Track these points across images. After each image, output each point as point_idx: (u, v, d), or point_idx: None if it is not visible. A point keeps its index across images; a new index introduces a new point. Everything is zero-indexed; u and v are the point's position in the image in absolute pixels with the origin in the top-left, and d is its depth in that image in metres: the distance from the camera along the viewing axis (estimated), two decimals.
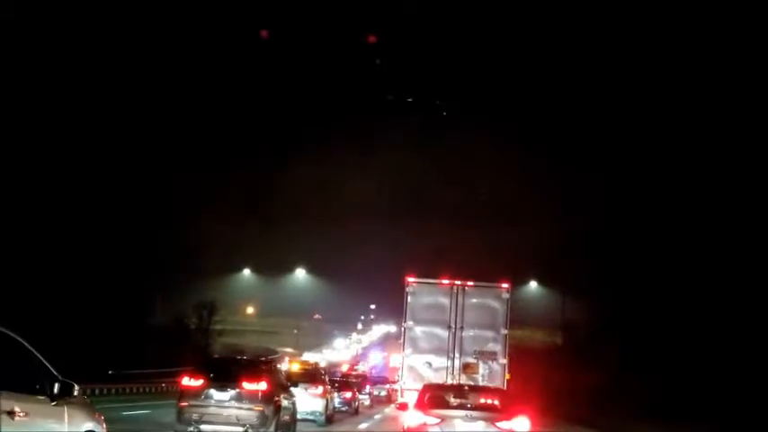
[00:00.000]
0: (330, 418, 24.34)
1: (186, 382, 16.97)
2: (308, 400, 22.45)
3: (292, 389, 20.88)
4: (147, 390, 38.31)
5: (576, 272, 49.09)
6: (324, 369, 29.99)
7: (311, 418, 22.82)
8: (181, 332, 51.12)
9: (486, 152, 50.97)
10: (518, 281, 63.12)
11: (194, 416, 16.16)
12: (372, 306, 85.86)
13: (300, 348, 70.88)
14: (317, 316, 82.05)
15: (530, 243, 52.63)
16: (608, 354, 41.76)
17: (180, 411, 16.38)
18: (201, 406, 16.23)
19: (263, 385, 16.48)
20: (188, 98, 42.21)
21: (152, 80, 39.60)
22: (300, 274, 73.38)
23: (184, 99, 42.22)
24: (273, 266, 70.57)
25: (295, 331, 75.96)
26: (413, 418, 13.62)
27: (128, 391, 35.98)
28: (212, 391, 16.34)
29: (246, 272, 72.73)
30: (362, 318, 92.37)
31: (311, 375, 24.84)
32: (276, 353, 64.49)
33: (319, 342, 79.15)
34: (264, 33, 27.31)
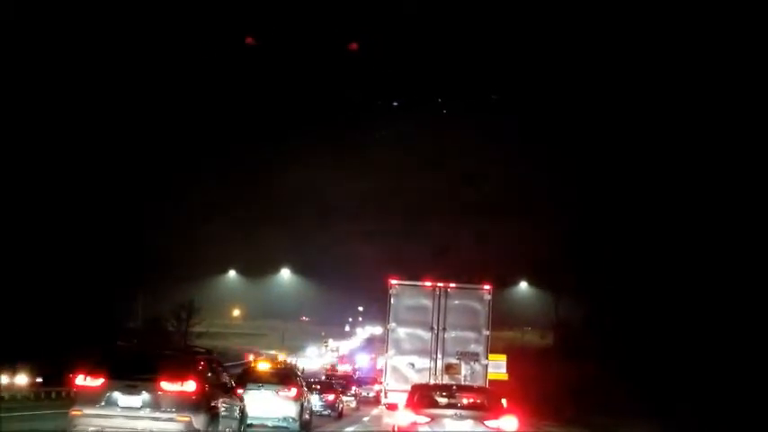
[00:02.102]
0: (306, 424, 21.79)
1: (81, 381, 12.78)
2: (278, 404, 20.09)
3: (260, 391, 19.77)
4: None
5: (565, 272, 49.80)
6: (301, 368, 28.34)
7: (283, 424, 20.15)
8: (158, 335, 50.73)
9: (476, 153, 51.60)
10: (508, 282, 64.05)
11: (91, 429, 12.26)
12: (360, 308, 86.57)
13: (287, 351, 71.19)
14: (304, 318, 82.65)
15: (519, 244, 53.29)
16: (596, 353, 42.48)
17: (71, 422, 12.39)
18: (101, 415, 12.27)
19: (190, 385, 12.55)
20: (174, 101, 42.73)
21: (140, 83, 40.13)
22: (286, 274, 73.71)
23: (171, 101, 42.74)
24: (259, 268, 71.06)
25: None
26: (403, 417, 14.29)
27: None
28: (117, 395, 12.34)
29: (232, 273, 73.01)
30: (350, 320, 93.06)
31: (282, 375, 21.89)
32: (260, 355, 64.67)
33: (306, 345, 79.18)
34: (250, 40, 28.03)
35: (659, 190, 40.53)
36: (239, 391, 16.16)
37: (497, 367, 24.34)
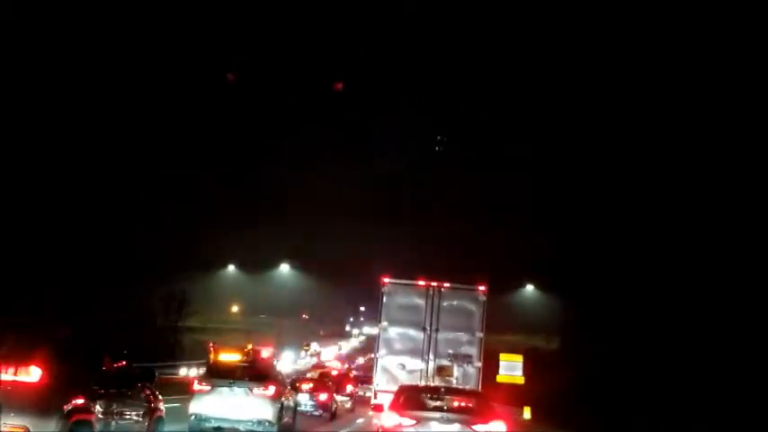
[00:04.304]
0: (288, 427, 19.44)
1: None
2: (252, 405, 17.81)
3: (231, 389, 17.79)
4: None
5: (573, 274, 49.75)
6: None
7: (257, 428, 17.80)
8: (148, 328, 49.70)
9: (477, 152, 51.52)
10: (513, 284, 64.14)
11: None
12: (362, 308, 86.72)
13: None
14: (304, 316, 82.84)
15: (525, 245, 53.22)
16: (602, 356, 42.44)
17: None
18: None
19: (33, 374, 8.82)
20: (178, 92, 42.84)
21: (141, 80, 40.28)
22: (285, 269, 73.74)
23: (173, 93, 42.86)
24: (259, 264, 71.15)
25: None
26: (388, 419, 14.05)
27: None
28: None
29: (231, 268, 73.12)
30: (351, 319, 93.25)
31: (258, 371, 18.87)
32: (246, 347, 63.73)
33: (283, 348, 78.44)
34: (231, 76, 28.31)
35: (670, 189, 40.44)
36: (196, 388, 14.44)
37: (512, 369, 23.44)
